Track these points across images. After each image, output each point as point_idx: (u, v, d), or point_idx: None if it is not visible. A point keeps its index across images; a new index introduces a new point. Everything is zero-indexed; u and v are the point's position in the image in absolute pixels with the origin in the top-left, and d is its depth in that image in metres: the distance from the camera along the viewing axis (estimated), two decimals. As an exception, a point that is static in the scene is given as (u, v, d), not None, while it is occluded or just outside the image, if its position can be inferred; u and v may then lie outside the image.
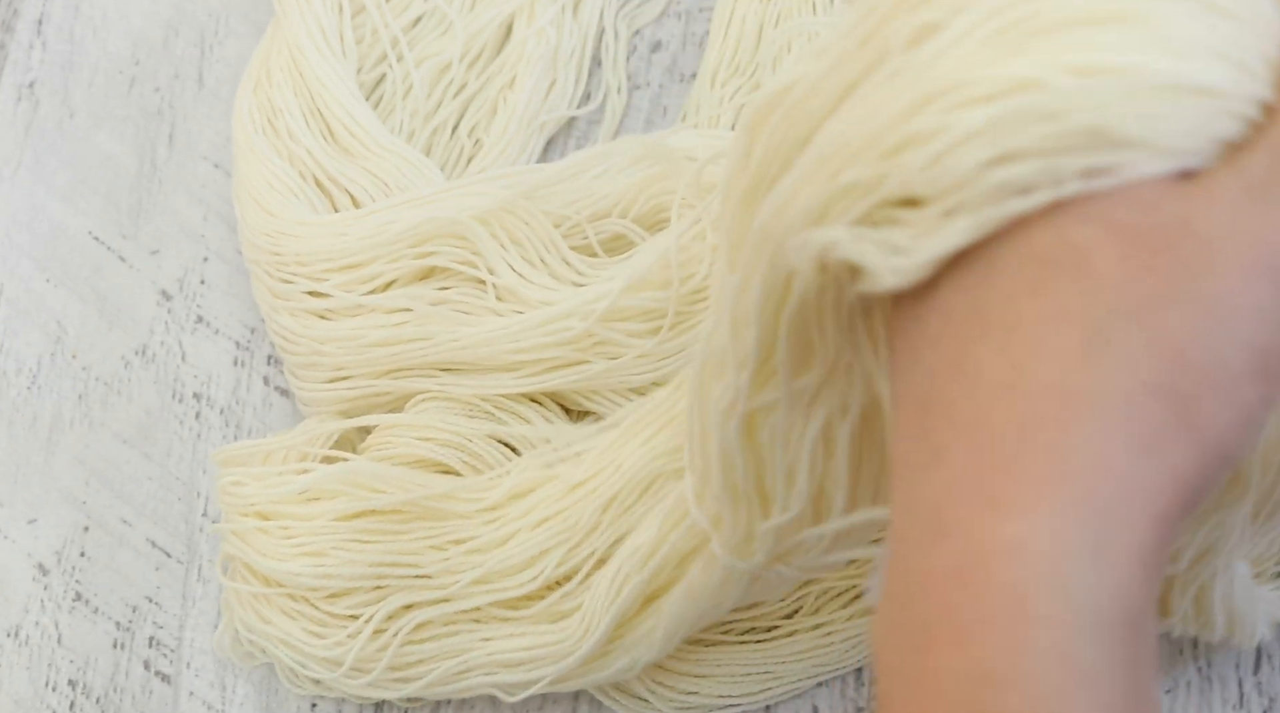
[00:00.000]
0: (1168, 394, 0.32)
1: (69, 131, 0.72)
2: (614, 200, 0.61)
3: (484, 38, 0.68)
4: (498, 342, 0.59)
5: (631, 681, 0.57)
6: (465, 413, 0.59)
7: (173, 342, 0.67)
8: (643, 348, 0.57)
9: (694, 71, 0.69)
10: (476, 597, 0.55)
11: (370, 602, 0.56)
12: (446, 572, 0.56)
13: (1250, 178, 0.33)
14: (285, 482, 0.58)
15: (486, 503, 0.56)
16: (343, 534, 0.57)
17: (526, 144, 0.67)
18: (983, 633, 0.31)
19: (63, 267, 0.69)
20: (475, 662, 0.55)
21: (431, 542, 0.56)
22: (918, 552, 0.33)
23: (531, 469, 0.56)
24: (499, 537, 0.55)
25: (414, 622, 0.56)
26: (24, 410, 0.67)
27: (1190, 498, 0.32)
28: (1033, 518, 0.31)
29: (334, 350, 0.61)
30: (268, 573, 0.57)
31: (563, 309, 0.58)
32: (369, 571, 0.56)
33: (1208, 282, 0.32)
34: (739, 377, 0.41)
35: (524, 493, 0.56)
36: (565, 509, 0.55)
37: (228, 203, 0.69)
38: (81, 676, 0.63)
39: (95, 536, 0.65)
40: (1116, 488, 0.31)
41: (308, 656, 0.57)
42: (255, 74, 0.66)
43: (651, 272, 0.57)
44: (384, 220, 0.61)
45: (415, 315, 0.59)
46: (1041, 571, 0.31)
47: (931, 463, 0.33)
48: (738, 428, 0.42)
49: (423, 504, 0.57)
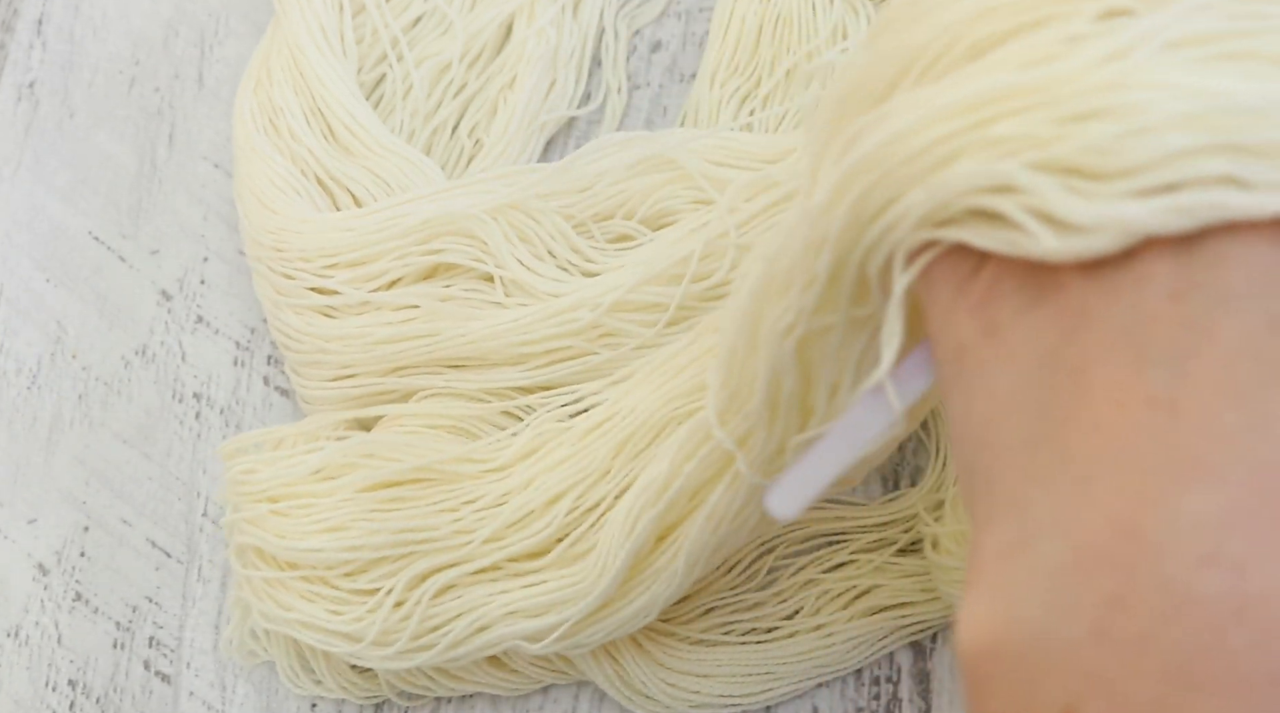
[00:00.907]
0: None
1: (69, 131, 0.72)
2: (619, 202, 0.61)
3: (484, 38, 0.68)
4: (506, 334, 0.59)
5: (635, 677, 0.57)
6: (471, 399, 0.59)
7: (173, 342, 0.67)
8: (647, 337, 0.58)
9: (694, 71, 0.69)
10: (494, 553, 0.55)
11: (389, 574, 0.56)
12: (463, 531, 0.56)
13: None
14: (299, 463, 0.58)
15: (500, 461, 0.57)
16: (363, 506, 0.57)
17: (527, 144, 0.67)
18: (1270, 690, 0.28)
19: (63, 267, 0.69)
20: (494, 615, 0.55)
21: (449, 503, 0.56)
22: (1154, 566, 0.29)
23: (544, 424, 0.57)
24: (513, 488, 0.56)
25: (435, 587, 0.56)
26: (24, 410, 0.67)
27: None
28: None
29: (339, 348, 0.61)
30: (286, 555, 0.57)
31: (572, 300, 0.58)
32: (393, 539, 0.56)
33: None
34: (803, 298, 0.39)
35: (537, 448, 0.56)
36: (576, 454, 0.55)
37: (228, 203, 0.69)
38: (81, 676, 0.63)
39: (95, 535, 0.65)
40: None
41: (331, 633, 0.57)
42: (256, 73, 0.66)
43: (668, 266, 0.58)
44: (390, 216, 0.61)
45: (423, 311, 0.59)
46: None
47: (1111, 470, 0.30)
48: (792, 347, 0.41)
49: (438, 468, 0.57)
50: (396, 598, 0.56)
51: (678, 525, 0.53)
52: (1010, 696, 0.30)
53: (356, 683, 0.59)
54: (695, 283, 0.58)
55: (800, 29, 0.65)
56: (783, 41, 0.65)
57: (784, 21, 0.65)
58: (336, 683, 0.59)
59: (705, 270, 0.58)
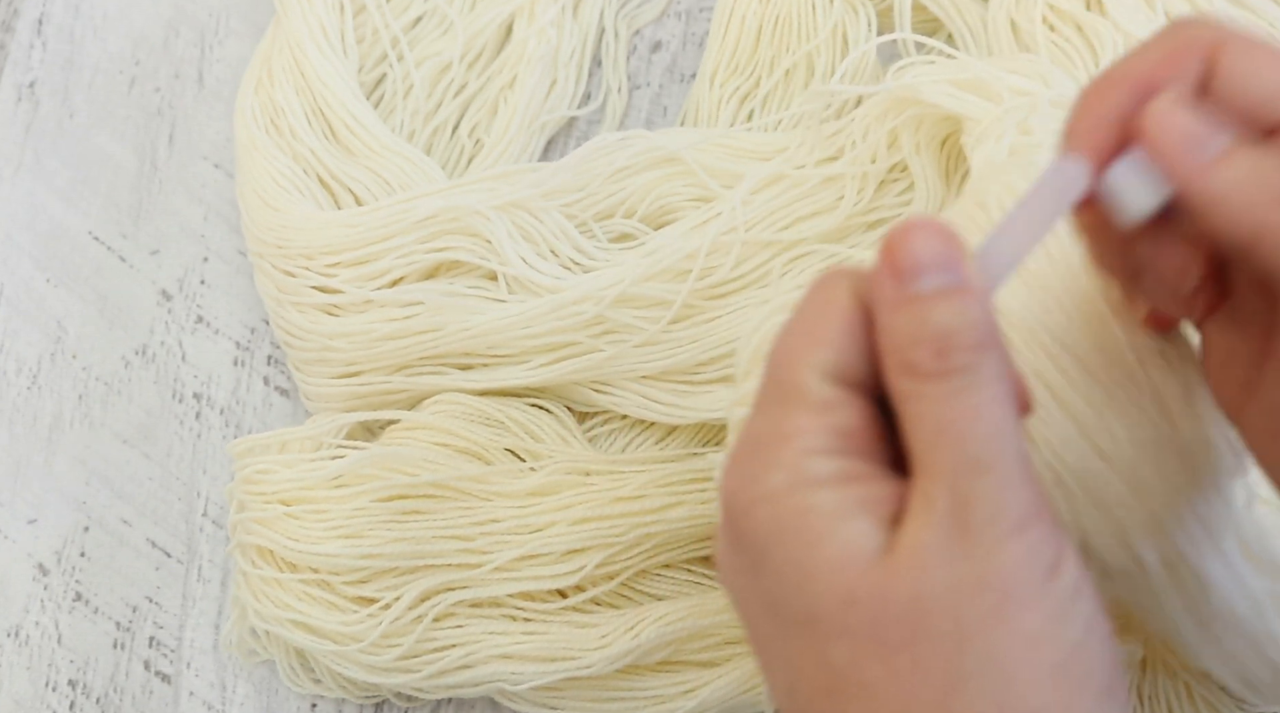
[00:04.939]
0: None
1: (69, 131, 0.72)
2: (619, 199, 0.61)
3: (484, 38, 0.68)
4: (509, 328, 0.59)
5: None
6: (481, 420, 0.59)
7: (173, 342, 0.67)
8: (651, 333, 0.58)
9: (694, 71, 0.69)
10: (513, 582, 0.56)
11: (393, 586, 0.57)
12: (477, 552, 0.56)
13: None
14: (318, 467, 0.58)
15: (516, 490, 0.57)
16: (379, 515, 0.57)
17: (527, 144, 0.67)
18: None
19: (63, 267, 0.69)
20: (484, 653, 0.56)
21: (466, 522, 0.57)
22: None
23: (557, 474, 0.58)
24: (536, 524, 0.56)
25: (440, 607, 0.57)
26: (24, 410, 0.67)
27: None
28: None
29: (344, 346, 0.61)
30: (295, 558, 0.57)
31: (576, 294, 0.58)
32: (410, 549, 0.56)
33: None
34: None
35: (551, 491, 0.57)
36: (608, 517, 0.56)
37: (228, 203, 0.69)
38: (81, 676, 0.63)
39: (95, 535, 0.65)
40: None
41: (324, 635, 0.57)
42: (257, 73, 0.66)
43: (674, 261, 0.58)
44: (393, 214, 0.61)
45: (427, 307, 0.60)
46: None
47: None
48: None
49: (454, 485, 0.57)
50: (398, 612, 0.56)
51: (680, 668, 0.56)
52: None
53: (356, 683, 0.59)
54: (700, 278, 0.58)
55: (800, 29, 0.65)
56: (782, 41, 0.65)
57: (784, 21, 0.65)
58: (336, 683, 0.59)
59: (708, 266, 0.58)
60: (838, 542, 0.33)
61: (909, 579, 0.32)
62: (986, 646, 0.32)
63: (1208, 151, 0.33)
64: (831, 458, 0.33)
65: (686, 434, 0.60)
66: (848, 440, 0.34)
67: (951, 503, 0.32)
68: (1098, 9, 0.60)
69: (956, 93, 0.55)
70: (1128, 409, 0.40)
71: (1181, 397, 0.40)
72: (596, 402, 0.60)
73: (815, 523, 0.33)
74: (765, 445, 0.34)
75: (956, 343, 0.32)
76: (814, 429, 0.33)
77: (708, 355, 0.58)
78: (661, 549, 0.57)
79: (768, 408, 0.34)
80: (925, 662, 0.32)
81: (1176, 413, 0.40)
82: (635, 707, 0.56)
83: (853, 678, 0.32)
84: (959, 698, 0.32)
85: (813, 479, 0.33)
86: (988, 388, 0.32)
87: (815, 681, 0.33)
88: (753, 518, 0.34)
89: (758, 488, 0.34)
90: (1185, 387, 0.40)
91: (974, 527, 0.32)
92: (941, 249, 0.33)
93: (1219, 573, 0.41)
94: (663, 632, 0.55)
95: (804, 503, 0.33)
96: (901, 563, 0.32)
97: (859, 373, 0.34)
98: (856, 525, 0.33)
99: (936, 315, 0.33)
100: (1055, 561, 0.32)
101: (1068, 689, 0.32)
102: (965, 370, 0.32)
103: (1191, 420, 0.40)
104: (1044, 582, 0.32)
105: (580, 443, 0.60)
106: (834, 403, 0.34)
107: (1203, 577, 0.41)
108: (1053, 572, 0.32)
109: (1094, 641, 0.32)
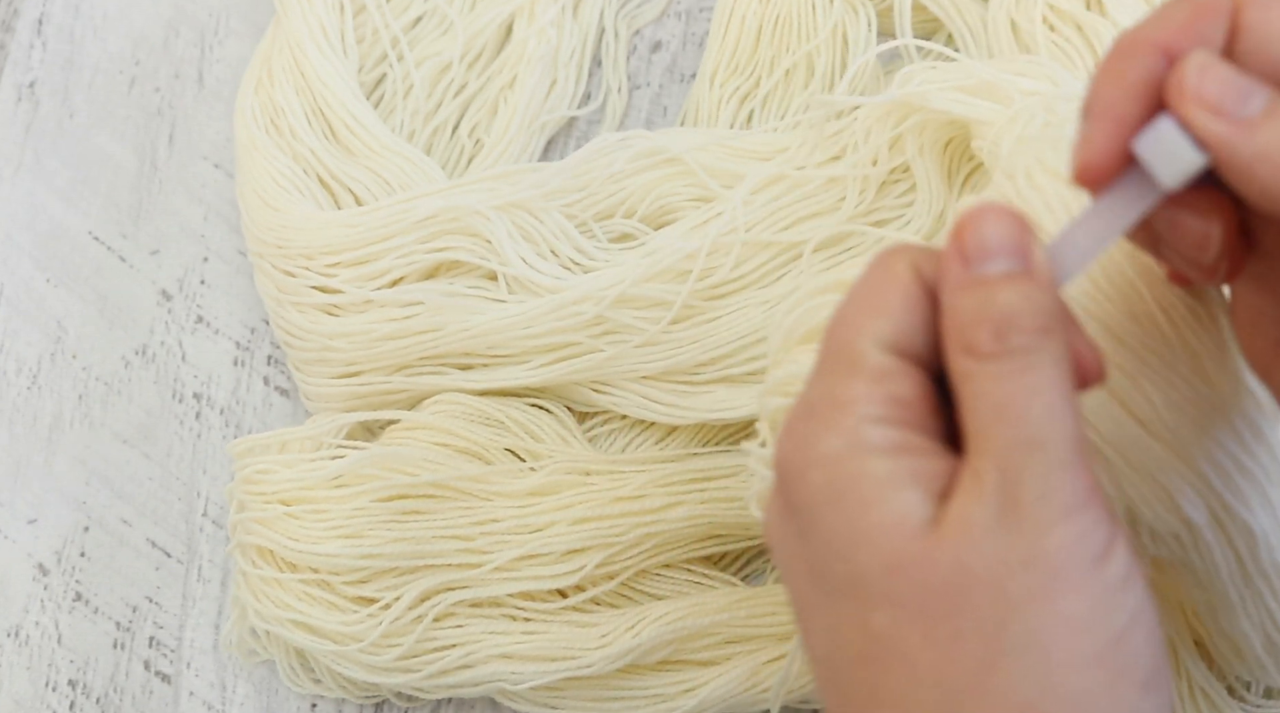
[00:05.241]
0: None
1: (69, 131, 0.72)
2: (619, 199, 0.62)
3: (484, 38, 0.68)
4: (510, 327, 0.59)
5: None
6: (481, 420, 0.59)
7: (173, 342, 0.67)
8: (651, 334, 0.58)
9: (694, 71, 0.69)
10: (513, 582, 0.56)
11: (393, 586, 0.57)
12: (477, 551, 0.57)
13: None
14: (319, 467, 0.59)
15: (516, 490, 0.57)
16: (379, 515, 0.57)
17: (527, 144, 0.67)
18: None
19: (63, 267, 0.69)
20: (484, 653, 0.56)
21: (466, 521, 0.57)
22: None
23: (557, 474, 0.58)
24: (536, 523, 0.57)
25: (440, 607, 0.57)
26: (24, 410, 0.67)
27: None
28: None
29: (344, 346, 0.61)
30: (295, 558, 0.58)
31: (576, 294, 0.58)
32: (410, 549, 0.56)
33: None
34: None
35: (551, 491, 0.57)
36: (608, 517, 0.56)
37: (228, 203, 0.69)
38: (81, 676, 0.63)
39: (95, 535, 0.65)
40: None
41: (324, 635, 0.57)
42: (257, 73, 0.66)
43: (674, 261, 0.58)
44: (393, 214, 0.61)
45: (428, 307, 0.60)
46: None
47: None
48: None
49: (454, 485, 0.57)
50: (398, 612, 0.56)
51: (680, 667, 0.56)
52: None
53: (356, 683, 0.59)
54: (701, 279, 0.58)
55: (800, 29, 0.65)
56: (782, 41, 0.65)
57: (784, 21, 0.65)
58: (336, 683, 0.59)
59: (709, 266, 0.58)
60: (888, 509, 0.33)
61: (954, 550, 0.32)
62: (1028, 625, 0.32)
63: (1247, 110, 0.33)
64: (887, 427, 0.34)
65: (686, 434, 0.60)
66: (903, 411, 0.34)
67: (1001, 480, 0.32)
68: (1098, 9, 0.60)
69: (965, 98, 0.55)
70: (1163, 373, 0.40)
71: (1216, 354, 0.40)
72: (596, 402, 0.60)
73: (867, 489, 0.33)
74: (822, 411, 0.34)
75: (1017, 325, 0.33)
76: (871, 397, 0.34)
77: (708, 356, 0.58)
78: (661, 549, 0.57)
79: (825, 375, 0.35)
80: (965, 635, 0.32)
81: (1212, 371, 0.40)
82: (636, 706, 0.56)
83: (892, 647, 0.33)
84: (996, 674, 0.32)
85: (868, 446, 0.33)
86: (1046, 371, 0.33)
87: (854, 647, 0.33)
88: (806, 481, 0.34)
89: (812, 452, 0.34)
90: (1218, 342, 0.40)
91: (1023, 505, 0.32)
92: (1011, 235, 0.33)
93: (1267, 523, 0.41)
94: (663, 631, 0.55)
95: (858, 469, 0.33)
96: (948, 534, 0.32)
97: (916, 347, 0.34)
98: (907, 496, 0.33)
99: (1000, 298, 0.33)
100: (1105, 548, 0.32)
101: (1107, 677, 0.32)
102: (1024, 351, 0.33)
103: (1228, 375, 0.40)
104: (1091, 568, 0.32)
105: (580, 443, 0.60)
106: (891, 372, 0.34)
107: (1252, 529, 0.41)
108: (1102, 559, 0.32)
109: (1139, 632, 0.32)
